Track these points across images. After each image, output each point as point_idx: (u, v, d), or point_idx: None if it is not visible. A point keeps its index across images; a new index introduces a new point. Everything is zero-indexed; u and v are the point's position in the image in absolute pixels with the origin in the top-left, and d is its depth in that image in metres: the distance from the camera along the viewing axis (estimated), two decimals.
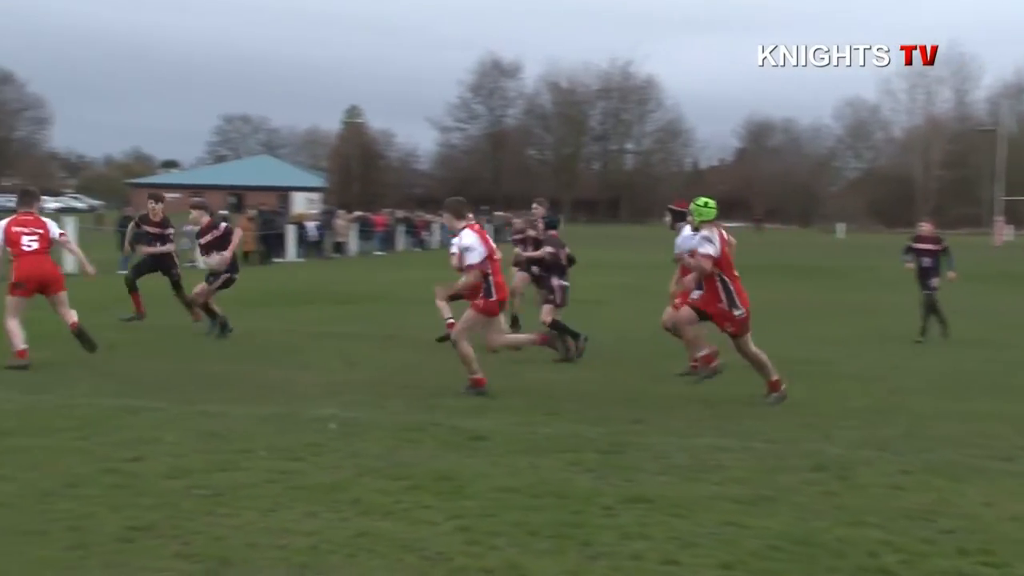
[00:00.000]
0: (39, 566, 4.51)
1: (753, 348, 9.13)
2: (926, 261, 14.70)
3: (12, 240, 10.64)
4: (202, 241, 13.30)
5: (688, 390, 9.53)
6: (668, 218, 10.99)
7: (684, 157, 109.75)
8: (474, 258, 9.02)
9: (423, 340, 12.70)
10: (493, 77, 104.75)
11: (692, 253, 9.25)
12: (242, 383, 9.32)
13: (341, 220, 37.92)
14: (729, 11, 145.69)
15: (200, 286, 12.82)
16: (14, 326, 10.29)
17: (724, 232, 9.14)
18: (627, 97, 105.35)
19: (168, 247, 13.76)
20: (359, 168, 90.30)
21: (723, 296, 8.97)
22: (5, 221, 10.85)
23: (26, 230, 10.72)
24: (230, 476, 6.05)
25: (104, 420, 7.52)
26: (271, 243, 31.81)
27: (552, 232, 12.37)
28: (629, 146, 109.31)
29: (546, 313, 11.70)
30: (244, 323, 13.12)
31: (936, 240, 14.89)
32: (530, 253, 12.70)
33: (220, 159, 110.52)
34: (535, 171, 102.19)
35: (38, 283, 10.58)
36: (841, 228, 72.80)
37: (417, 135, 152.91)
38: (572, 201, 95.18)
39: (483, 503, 5.66)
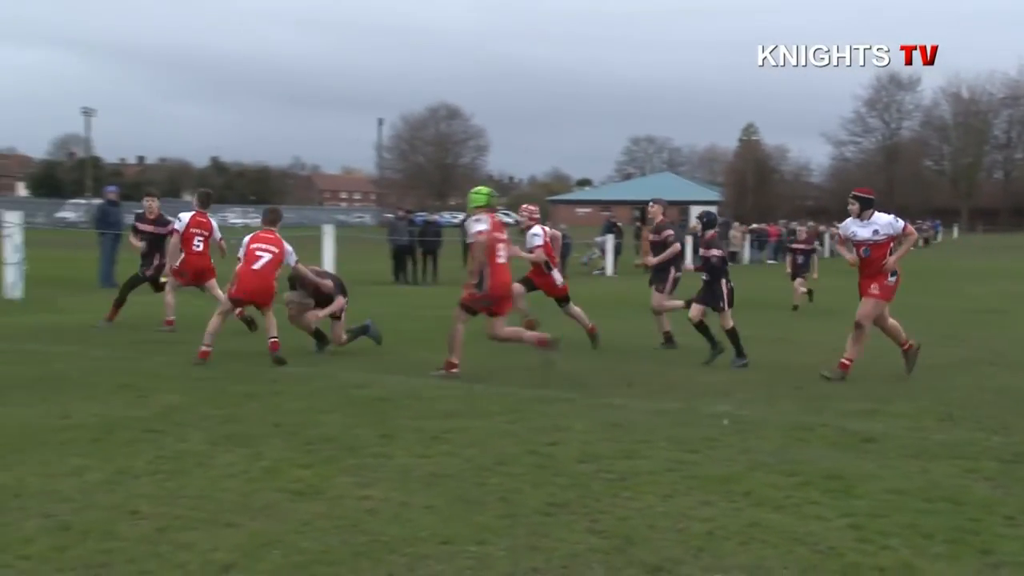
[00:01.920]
0: (478, 530, 4.88)
1: (503, 331, 9.69)
2: None
3: (186, 239, 12.24)
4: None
5: None
6: (855, 206, 9.99)
7: None
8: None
9: (811, 343, 12.54)
10: (890, 91, 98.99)
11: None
12: (646, 380, 9.54)
13: (736, 231, 37.60)
14: None
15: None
16: (170, 299, 12.41)
17: (497, 219, 9.64)
18: None
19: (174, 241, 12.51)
20: (753, 182, 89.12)
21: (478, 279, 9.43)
22: (188, 216, 12.35)
23: (197, 231, 12.35)
24: (633, 463, 6.21)
25: (527, 407, 7.99)
26: None
27: (710, 233, 11.51)
28: None
29: (695, 313, 11.10)
30: (647, 327, 13.32)
31: None
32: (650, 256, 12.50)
33: (627, 177, 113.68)
34: (930, 181, 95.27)
35: (194, 276, 12.38)
36: None
37: (810, 149, 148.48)
38: (970, 211, 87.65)
39: (873, 503, 5.38)
